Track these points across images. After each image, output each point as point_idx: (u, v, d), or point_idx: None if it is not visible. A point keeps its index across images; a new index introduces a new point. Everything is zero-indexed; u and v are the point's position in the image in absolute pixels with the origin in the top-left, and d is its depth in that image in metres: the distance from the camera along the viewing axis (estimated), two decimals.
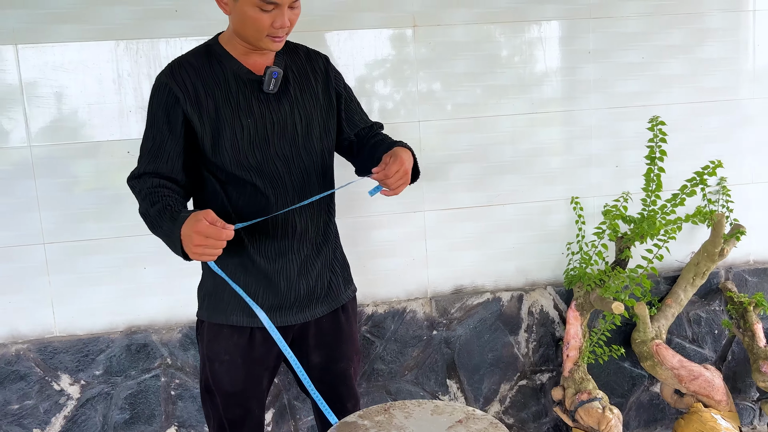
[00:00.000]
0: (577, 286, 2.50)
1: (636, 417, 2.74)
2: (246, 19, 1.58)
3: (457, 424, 1.59)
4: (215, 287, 1.76)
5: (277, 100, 1.69)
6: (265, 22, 1.57)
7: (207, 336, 1.79)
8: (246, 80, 1.66)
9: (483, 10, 2.43)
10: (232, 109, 1.65)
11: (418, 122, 2.46)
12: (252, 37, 1.61)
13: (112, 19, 2.21)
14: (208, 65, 1.66)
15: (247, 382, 1.79)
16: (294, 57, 1.76)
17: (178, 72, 1.64)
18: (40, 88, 2.20)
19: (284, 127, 1.69)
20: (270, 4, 1.55)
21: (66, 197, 2.26)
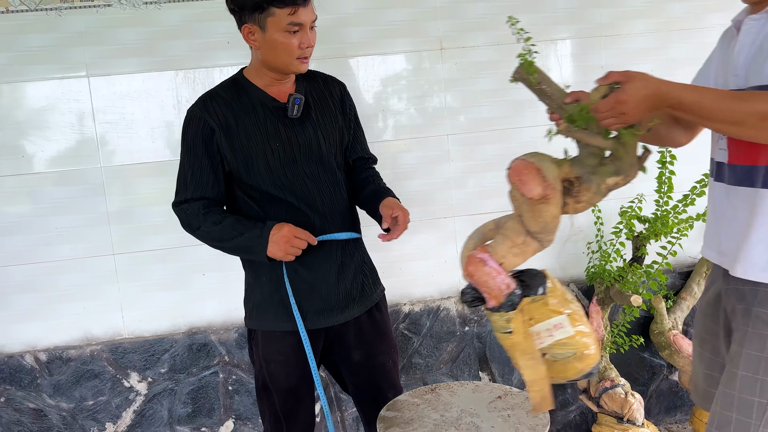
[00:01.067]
0: (598, 282, 2.70)
1: (657, 404, 2.93)
2: (277, 46, 1.76)
3: (497, 399, 1.81)
4: (262, 298, 1.91)
5: (301, 123, 1.86)
6: (294, 44, 1.76)
7: (261, 341, 1.93)
8: (271, 107, 1.84)
9: (502, 32, 2.66)
10: (261, 134, 1.82)
11: (446, 135, 2.69)
12: (283, 63, 1.79)
13: (172, 52, 2.47)
14: (237, 96, 1.84)
15: (301, 378, 1.93)
16: (312, 83, 1.93)
17: (210, 104, 1.83)
18: (109, 115, 2.47)
19: (309, 148, 1.86)
20: (296, 26, 1.74)
21: (132, 212, 2.52)
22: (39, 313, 2.50)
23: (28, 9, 2.37)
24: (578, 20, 2.71)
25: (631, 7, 2.76)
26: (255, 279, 1.92)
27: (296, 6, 1.72)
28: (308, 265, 1.87)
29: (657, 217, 2.57)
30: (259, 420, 2.65)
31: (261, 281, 1.90)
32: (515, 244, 1.53)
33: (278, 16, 1.73)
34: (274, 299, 1.88)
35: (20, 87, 2.41)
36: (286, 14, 1.72)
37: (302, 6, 1.74)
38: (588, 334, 1.48)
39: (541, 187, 1.44)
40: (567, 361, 1.48)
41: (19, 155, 2.43)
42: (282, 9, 1.72)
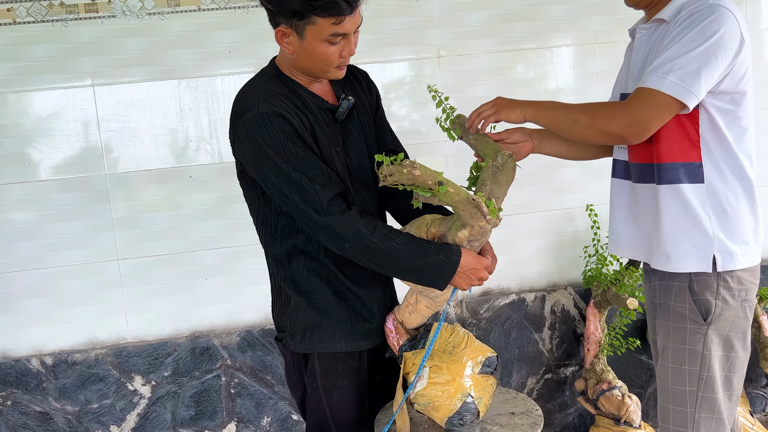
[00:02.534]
0: (595, 286, 2.74)
1: (654, 406, 2.95)
2: (315, 55, 1.54)
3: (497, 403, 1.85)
4: (320, 317, 1.68)
5: (350, 125, 1.68)
6: (335, 53, 1.55)
7: (320, 366, 1.70)
8: (324, 110, 1.63)
9: (499, 40, 2.71)
10: (326, 137, 1.62)
11: (444, 142, 2.73)
12: (319, 70, 1.59)
13: (175, 61, 2.52)
14: (290, 94, 1.59)
15: (363, 409, 1.74)
16: (345, 79, 1.73)
17: (275, 101, 1.55)
18: (113, 123, 2.52)
19: (359, 155, 1.70)
20: (338, 36, 1.53)
21: (137, 218, 2.56)
22: (45, 318, 2.55)
23: (34, 20, 2.43)
24: (574, 28, 2.76)
25: (626, 15, 2.79)
26: (307, 298, 1.68)
27: (342, 16, 1.49)
28: (359, 282, 1.69)
29: None
30: (260, 422, 2.69)
31: (315, 299, 1.68)
32: (409, 303, 1.68)
33: (320, 26, 1.49)
34: (332, 317, 1.68)
35: (27, 96, 2.46)
36: (330, 24, 1.49)
37: (350, 15, 1.51)
38: (445, 384, 1.58)
39: None
40: (427, 410, 1.62)
41: (26, 163, 2.48)
42: (326, 18, 1.48)
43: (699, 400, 1.64)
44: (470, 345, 1.63)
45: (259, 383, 2.67)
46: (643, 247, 1.72)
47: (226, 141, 2.57)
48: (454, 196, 1.47)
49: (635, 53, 1.73)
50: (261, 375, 2.67)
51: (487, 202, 1.50)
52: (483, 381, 1.61)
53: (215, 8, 2.52)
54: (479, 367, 1.60)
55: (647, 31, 1.70)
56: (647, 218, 1.69)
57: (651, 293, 1.78)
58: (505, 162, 1.56)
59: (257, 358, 2.66)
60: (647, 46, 1.69)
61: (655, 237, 1.67)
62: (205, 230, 2.59)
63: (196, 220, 2.59)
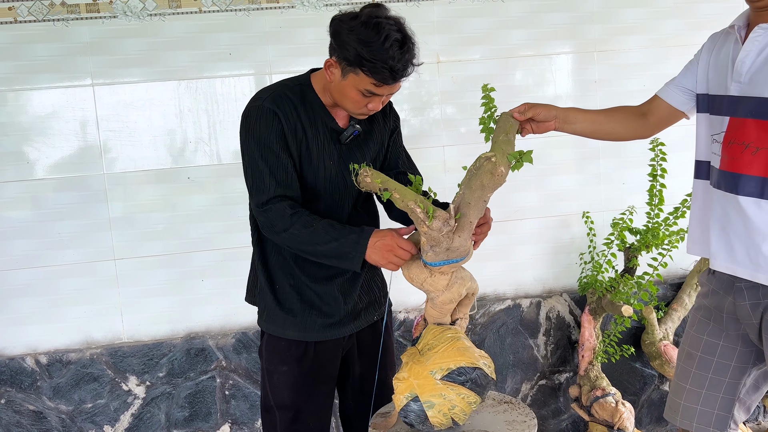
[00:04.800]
0: (590, 293, 2.75)
1: (648, 414, 2.97)
2: (346, 95, 1.69)
3: (489, 405, 1.85)
4: (276, 304, 1.85)
5: (349, 151, 1.82)
6: (362, 103, 1.70)
7: (266, 351, 1.90)
8: (329, 128, 1.78)
9: (498, 47, 2.73)
10: (319, 149, 1.76)
11: (442, 147, 2.75)
12: (345, 108, 1.74)
13: (175, 62, 2.53)
14: (303, 104, 1.75)
15: (304, 395, 1.87)
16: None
17: (281, 102, 1.72)
18: (112, 123, 2.52)
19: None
20: (371, 95, 1.68)
21: (134, 219, 2.57)
22: (40, 317, 2.55)
23: (35, 19, 2.44)
24: (573, 36, 2.77)
25: (624, 23, 2.82)
26: (270, 284, 1.86)
27: (382, 83, 1.64)
28: (318, 280, 1.84)
29: (648, 229, 2.62)
30: (254, 424, 2.69)
31: (275, 288, 1.86)
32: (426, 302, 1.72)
33: (362, 79, 1.64)
34: (286, 306, 1.85)
35: (26, 95, 2.47)
36: (370, 82, 1.64)
37: (388, 85, 1.65)
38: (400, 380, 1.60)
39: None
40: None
41: (23, 161, 2.49)
42: (369, 77, 1.63)
43: None
44: (446, 350, 1.58)
45: (253, 385, 2.67)
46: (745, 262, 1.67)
47: (224, 142, 2.59)
48: (399, 202, 1.55)
49: (743, 53, 1.64)
50: (255, 377, 2.67)
51: (427, 208, 1.49)
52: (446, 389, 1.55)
53: (216, 10, 2.53)
54: (444, 373, 1.55)
55: (765, 31, 1.61)
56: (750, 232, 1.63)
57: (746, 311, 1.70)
58: (481, 165, 1.52)
59: (252, 360, 2.66)
60: (765, 48, 1.60)
61: (762, 253, 1.62)
62: (202, 231, 2.60)
63: (193, 221, 2.59)
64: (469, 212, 1.53)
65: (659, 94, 1.91)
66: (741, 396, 1.81)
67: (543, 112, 1.82)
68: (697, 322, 1.85)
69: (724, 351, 1.79)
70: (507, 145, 1.61)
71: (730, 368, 1.78)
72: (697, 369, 1.82)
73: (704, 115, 1.81)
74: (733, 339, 1.78)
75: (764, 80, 1.59)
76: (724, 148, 1.67)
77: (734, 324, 1.76)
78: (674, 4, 2.82)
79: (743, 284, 1.70)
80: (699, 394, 1.82)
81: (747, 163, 1.61)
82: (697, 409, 1.82)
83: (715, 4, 2.85)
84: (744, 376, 1.79)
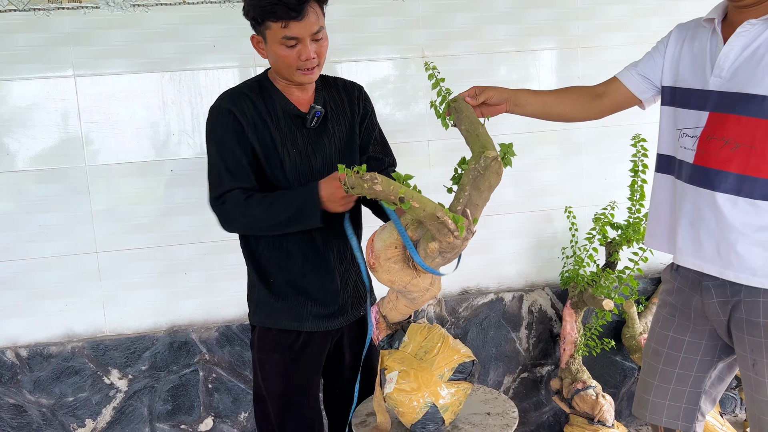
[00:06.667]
0: (572, 287, 2.78)
1: (628, 406, 3.01)
2: (277, 58, 1.74)
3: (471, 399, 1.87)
4: (269, 297, 1.89)
5: (318, 135, 1.85)
6: (292, 57, 1.72)
7: (258, 341, 1.92)
8: (292, 115, 1.83)
9: (483, 42, 2.74)
10: (282, 138, 1.81)
11: (427, 141, 2.75)
12: (285, 73, 1.77)
13: (159, 54, 2.51)
14: (261, 98, 1.82)
15: (296, 384, 1.90)
16: (332, 91, 1.91)
17: (238, 100, 1.80)
18: (94, 115, 2.50)
19: (324, 159, 1.85)
20: (291, 40, 1.70)
21: (116, 211, 2.55)
22: (21, 310, 2.52)
23: (16, 9, 2.40)
24: (556, 32, 2.79)
25: (607, 20, 2.84)
26: (263, 278, 1.90)
27: (288, 20, 1.67)
28: (313, 272, 1.88)
29: (629, 224, 2.65)
30: (237, 417, 2.68)
31: (269, 281, 1.89)
32: (390, 300, 1.71)
33: (273, 30, 1.70)
34: (281, 297, 1.88)
35: (6, 85, 2.43)
36: (279, 28, 1.68)
37: (295, 20, 1.67)
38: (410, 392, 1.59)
39: (371, 257, 1.59)
40: (394, 412, 1.66)
41: (4, 153, 2.46)
42: (275, 23, 1.68)
43: None
44: (443, 351, 1.61)
45: (236, 378, 2.67)
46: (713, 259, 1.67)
47: None
48: (419, 212, 1.41)
49: (728, 47, 1.62)
50: (239, 370, 2.67)
51: (455, 218, 1.41)
52: (452, 388, 1.58)
53: (200, 2, 2.51)
54: (450, 374, 1.57)
55: (754, 27, 1.59)
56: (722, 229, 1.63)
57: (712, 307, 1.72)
58: (488, 165, 1.45)
59: (235, 354, 2.66)
60: (751, 44, 1.59)
61: (735, 251, 1.61)
62: (185, 224, 2.59)
63: (176, 214, 2.58)
64: (477, 214, 1.49)
65: (619, 77, 1.90)
66: (707, 388, 1.83)
67: (495, 95, 1.80)
68: (662, 319, 1.86)
69: (690, 346, 1.80)
70: (488, 138, 1.57)
71: (696, 362, 1.80)
72: (664, 365, 1.84)
73: (670, 109, 1.79)
74: (699, 334, 1.79)
75: (748, 76, 1.58)
76: (702, 143, 1.66)
77: (701, 320, 1.78)
78: (657, 2, 2.85)
79: (711, 282, 1.70)
80: (666, 389, 1.84)
81: (725, 160, 1.61)
82: (665, 404, 1.84)
83: (696, 1, 2.86)
84: (710, 369, 1.81)
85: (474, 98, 1.78)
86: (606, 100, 1.90)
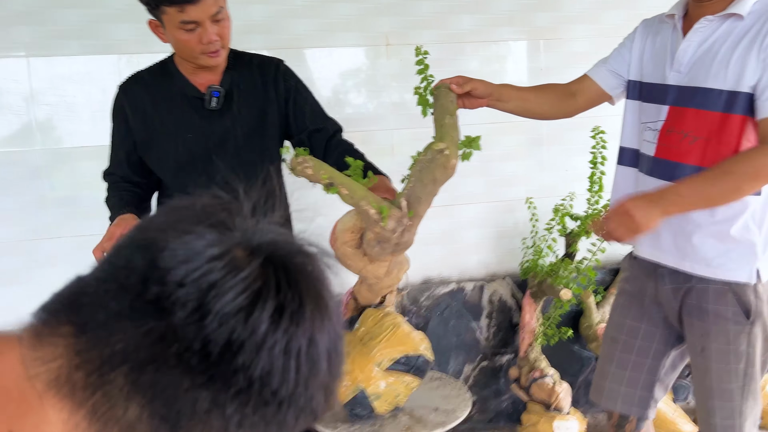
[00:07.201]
0: (531, 277, 2.81)
1: (585, 394, 3.06)
2: (177, 42, 1.68)
3: (429, 386, 1.88)
4: None
5: (220, 115, 1.79)
6: (194, 41, 1.65)
7: None
8: (190, 97, 1.78)
9: (448, 32, 2.73)
10: (175, 123, 1.78)
11: (390, 130, 2.75)
12: (189, 57, 1.71)
13: (116, 35, 2.44)
14: (160, 81, 1.79)
15: None
16: (244, 71, 1.82)
17: (131, 86, 1.81)
18: (49, 97, 2.43)
19: (224, 141, 1.80)
20: (190, 24, 1.62)
21: (74, 196, 2.48)
22: None
23: None
24: (521, 23, 2.80)
25: (571, 12, 2.86)
26: None
27: (184, 4, 1.58)
28: None
29: (588, 215, 2.69)
30: None
31: None
32: (357, 283, 1.73)
33: (169, 14, 1.62)
34: None
35: None
36: (176, 12, 1.60)
37: (191, 4, 1.59)
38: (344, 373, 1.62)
39: (331, 239, 1.58)
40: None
41: None
42: (170, 7, 1.60)
43: (745, 394, 1.68)
44: (389, 340, 1.60)
45: None
46: (671, 250, 1.71)
47: None
48: (347, 199, 1.40)
49: (686, 43, 1.65)
50: None
51: (381, 208, 1.39)
52: (390, 378, 1.57)
53: None
54: (390, 364, 1.56)
55: (710, 23, 1.62)
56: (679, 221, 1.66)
57: (665, 294, 1.76)
58: (434, 158, 1.40)
59: None
60: (707, 39, 1.62)
61: (691, 242, 1.65)
62: None
63: None
64: (419, 207, 1.47)
65: (590, 75, 1.93)
66: (661, 376, 1.88)
67: (480, 87, 1.80)
68: (620, 307, 1.91)
69: (646, 334, 1.85)
70: (454, 129, 1.53)
71: (651, 350, 1.85)
72: (621, 352, 1.88)
73: (635, 102, 1.83)
74: (655, 322, 1.84)
75: (705, 71, 1.62)
76: (662, 137, 1.70)
77: (656, 308, 1.83)
78: None
79: (666, 269, 1.75)
80: (623, 375, 1.88)
81: (684, 152, 1.65)
82: (621, 390, 1.88)
83: None
84: (664, 357, 1.86)
85: (460, 87, 1.76)
86: (579, 98, 1.93)
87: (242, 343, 0.48)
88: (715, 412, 1.71)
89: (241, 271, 0.49)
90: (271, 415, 0.51)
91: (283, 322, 0.49)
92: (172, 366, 0.48)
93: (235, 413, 0.50)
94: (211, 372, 0.48)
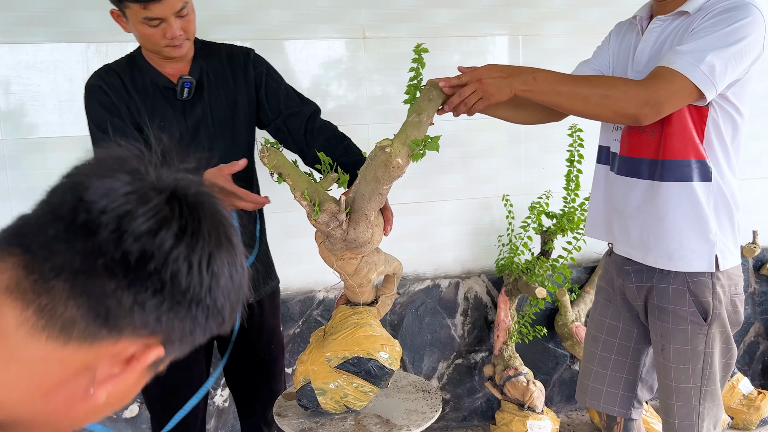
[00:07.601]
0: (507, 274, 2.79)
1: (559, 392, 3.06)
2: (141, 36, 1.67)
3: (403, 388, 1.84)
4: None
5: (191, 105, 1.78)
6: (157, 35, 1.64)
7: None
8: (162, 88, 1.77)
9: (425, 25, 2.70)
10: (148, 113, 1.76)
11: (366, 125, 2.71)
12: (152, 49, 1.71)
13: (83, 23, 2.37)
14: (130, 74, 1.77)
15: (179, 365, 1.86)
16: (212, 60, 1.81)
17: (106, 76, 1.77)
18: (13, 86, 2.35)
19: (196, 131, 1.78)
20: (154, 20, 1.61)
21: (38, 188, 2.40)
22: None
23: None
24: (500, 18, 2.77)
25: (549, 8, 2.84)
26: None
27: (147, 3, 1.58)
28: None
29: (564, 213, 2.68)
30: None
31: None
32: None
33: (133, 10, 1.61)
34: None
35: None
36: (140, 8, 1.59)
37: (155, 2, 1.58)
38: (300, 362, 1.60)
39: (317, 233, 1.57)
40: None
41: None
42: (134, 4, 1.59)
43: (703, 394, 1.69)
44: (345, 338, 1.54)
45: None
46: (638, 245, 1.72)
47: None
48: (293, 190, 1.43)
49: (643, 44, 1.69)
50: None
51: (314, 200, 1.40)
52: (338, 378, 1.52)
53: None
54: (338, 362, 1.52)
55: (663, 22, 1.66)
56: (643, 215, 1.68)
57: (631, 292, 1.77)
58: (376, 156, 1.37)
59: None
60: (659, 38, 1.65)
61: (654, 235, 1.67)
62: None
63: None
64: (364, 205, 1.42)
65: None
66: (642, 376, 1.88)
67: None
68: (600, 305, 1.92)
69: (624, 333, 1.86)
70: (414, 128, 1.44)
71: (630, 349, 1.85)
72: (601, 351, 1.88)
73: None
74: (629, 321, 1.85)
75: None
76: (625, 135, 1.73)
77: (627, 305, 1.84)
78: None
79: (631, 267, 1.77)
80: (604, 375, 1.88)
81: (644, 147, 1.68)
82: (603, 389, 1.88)
83: None
84: (642, 356, 1.87)
85: (451, 89, 1.67)
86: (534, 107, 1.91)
87: (152, 253, 0.63)
88: (674, 411, 1.73)
89: (150, 201, 0.63)
90: (184, 312, 0.66)
91: (186, 238, 0.64)
92: (100, 273, 0.62)
93: (153, 309, 0.64)
94: (131, 277, 0.63)
